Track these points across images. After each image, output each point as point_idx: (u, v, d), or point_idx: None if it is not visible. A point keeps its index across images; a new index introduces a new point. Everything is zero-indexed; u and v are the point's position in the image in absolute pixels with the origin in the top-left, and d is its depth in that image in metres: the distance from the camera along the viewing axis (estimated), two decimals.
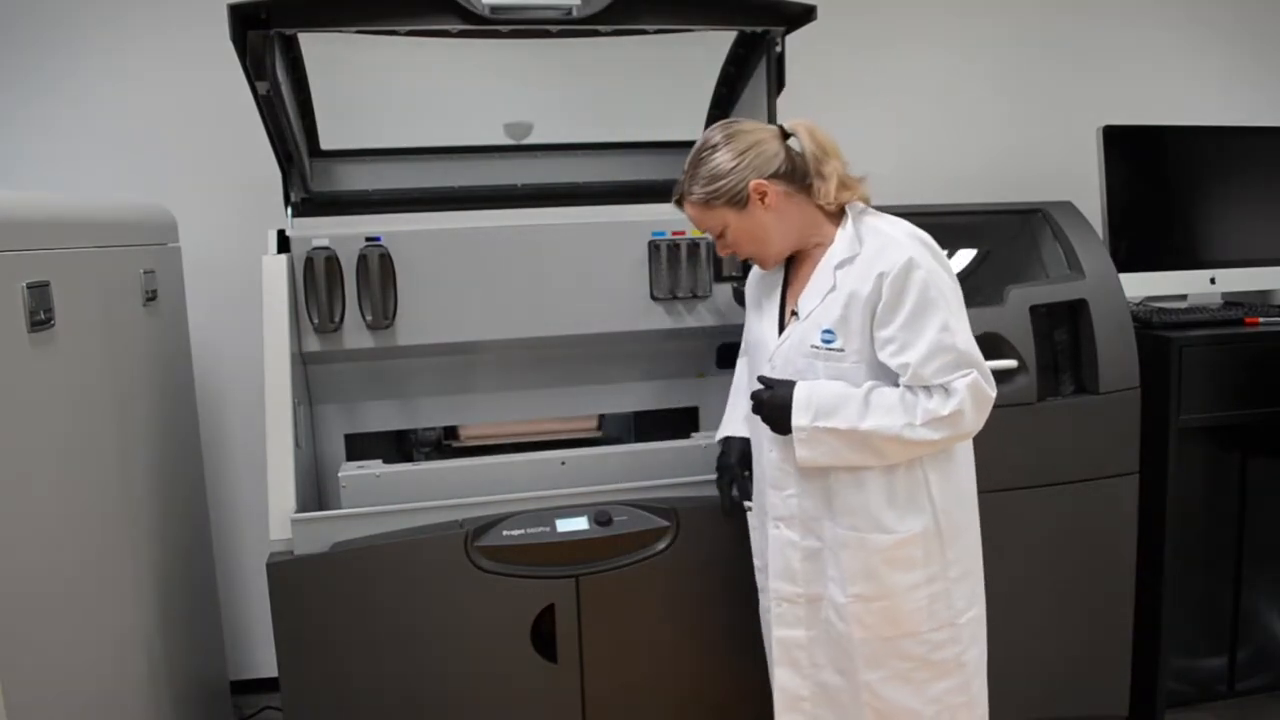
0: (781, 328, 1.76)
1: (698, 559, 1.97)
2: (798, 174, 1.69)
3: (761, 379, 1.74)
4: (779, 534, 1.76)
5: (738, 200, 1.67)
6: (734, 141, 1.67)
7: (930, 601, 1.68)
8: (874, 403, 1.61)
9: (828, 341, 1.66)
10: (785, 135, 1.71)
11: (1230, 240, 2.87)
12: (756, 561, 1.89)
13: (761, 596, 1.88)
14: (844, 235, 1.68)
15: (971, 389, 1.58)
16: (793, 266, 1.79)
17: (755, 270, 1.87)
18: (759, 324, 1.81)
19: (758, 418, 1.74)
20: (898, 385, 1.62)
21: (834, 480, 1.68)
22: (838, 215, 1.71)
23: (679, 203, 1.76)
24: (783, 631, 1.78)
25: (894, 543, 1.66)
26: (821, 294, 1.67)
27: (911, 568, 1.67)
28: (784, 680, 1.80)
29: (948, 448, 1.67)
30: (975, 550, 1.77)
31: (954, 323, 1.58)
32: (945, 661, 1.71)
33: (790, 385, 1.67)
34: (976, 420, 1.61)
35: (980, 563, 1.78)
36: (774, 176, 1.67)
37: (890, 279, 1.58)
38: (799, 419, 1.64)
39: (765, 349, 1.77)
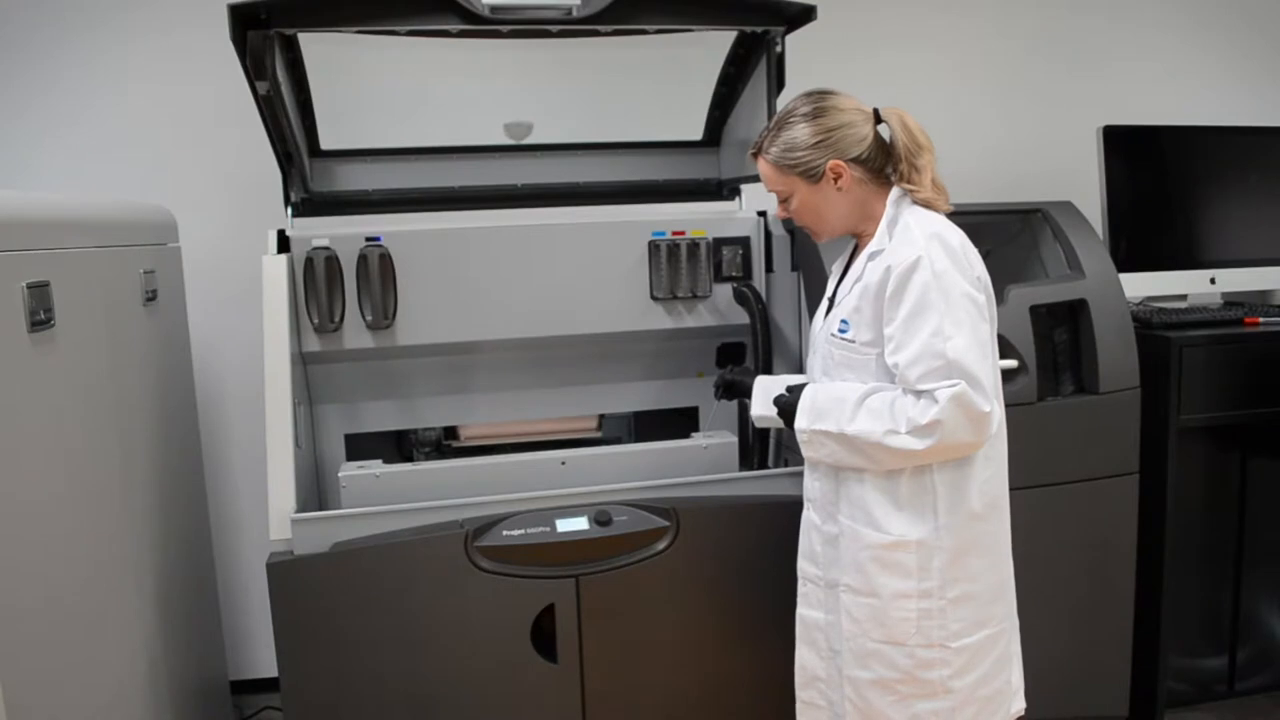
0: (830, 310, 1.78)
1: (698, 559, 1.97)
2: (878, 161, 1.67)
3: (790, 387, 1.79)
4: (807, 515, 1.80)
5: (812, 174, 1.65)
6: (823, 117, 1.64)
7: (920, 617, 1.62)
8: (867, 406, 1.60)
9: (843, 331, 1.68)
10: (878, 119, 1.68)
11: (1230, 240, 2.87)
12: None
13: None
14: (880, 228, 1.66)
15: (955, 400, 1.51)
16: (854, 252, 1.80)
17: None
18: (822, 305, 1.83)
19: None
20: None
21: (841, 469, 1.70)
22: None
23: (755, 155, 1.72)
24: (804, 610, 1.80)
25: (885, 543, 1.63)
26: (851, 283, 1.69)
27: (903, 575, 1.62)
28: (803, 658, 1.82)
29: (952, 460, 1.60)
30: (986, 574, 1.66)
31: (949, 328, 1.53)
32: (931, 681, 1.64)
33: (801, 389, 1.73)
34: (965, 433, 1.54)
35: (996, 588, 1.68)
36: (854, 160, 1.65)
37: (895, 275, 1.57)
38: (799, 421, 1.69)
39: (815, 330, 1.82)
